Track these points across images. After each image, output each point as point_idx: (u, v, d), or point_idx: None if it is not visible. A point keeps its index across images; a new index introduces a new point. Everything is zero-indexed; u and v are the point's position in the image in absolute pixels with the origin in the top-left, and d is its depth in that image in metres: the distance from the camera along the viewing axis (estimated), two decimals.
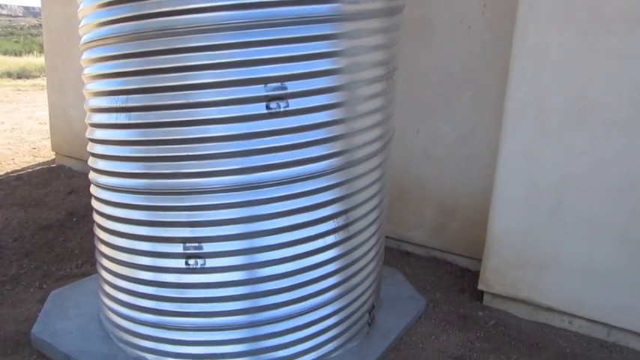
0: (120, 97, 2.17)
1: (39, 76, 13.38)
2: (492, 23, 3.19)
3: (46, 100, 5.95)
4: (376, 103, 2.38)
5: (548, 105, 2.68)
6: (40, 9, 6.13)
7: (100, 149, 2.33)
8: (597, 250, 2.69)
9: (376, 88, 2.36)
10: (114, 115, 2.20)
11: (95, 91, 2.30)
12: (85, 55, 2.35)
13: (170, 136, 2.06)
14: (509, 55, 2.78)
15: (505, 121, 2.81)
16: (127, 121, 2.15)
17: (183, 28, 1.98)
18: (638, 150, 2.52)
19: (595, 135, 2.60)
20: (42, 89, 11.00)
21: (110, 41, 2.17)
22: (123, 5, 2.07)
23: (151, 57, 2.05)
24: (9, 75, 13.45)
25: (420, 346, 2.67)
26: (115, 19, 2.12)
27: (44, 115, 7.29)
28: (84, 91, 2.41)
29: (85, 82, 2.38)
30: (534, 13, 2.65)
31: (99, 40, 2.23)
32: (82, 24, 2.34)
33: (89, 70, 2.33)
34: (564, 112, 2.65)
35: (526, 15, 2.68)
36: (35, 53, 18.29)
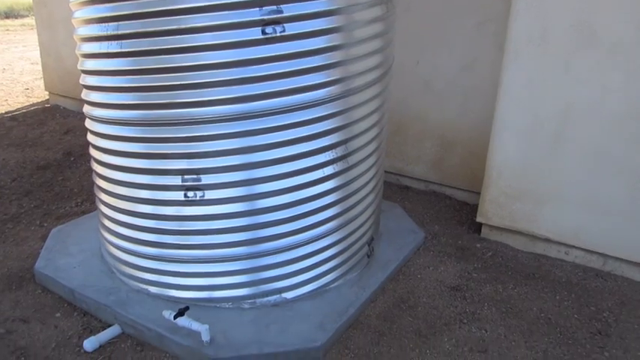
0: (110, 24, 2.09)
1: (28, 16, 12.99)
2: None
3: (37, 40, 5.78)
4: (375, 28, 2.30)
5: (551, 31, 2.60)
6: None
7: (92, 80, 2.27)
8: (596, 181, 2.67)
9: (375, 12, 2.28)
10: (105, 43, 2.12)
11: (84, 18, 2.21)
12: None
13: (163, 64, 2.00)
14: None
15: (507, 50, 2.73)
16: (118, 50, 2.08)
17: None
18: None
19: (598, 62, 2.53)
20: (31, 29, 10.70)
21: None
22: None
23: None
24: None
25: (419, 276, 2.70)
26: None
27: (35, 55, 7.12)
28: (72, 20, 2.31)
29: (73, 9, 2.29)
30: None
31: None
32: None
33: None
34: (568, 38, 2.57)
35: None
36: None
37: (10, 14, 13.27)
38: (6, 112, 5.48)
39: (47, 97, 5.94)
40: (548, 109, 2.70)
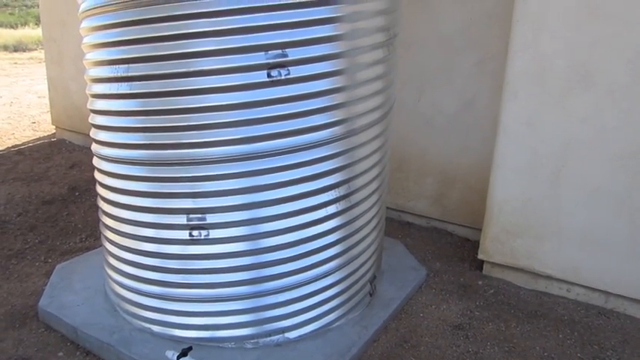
0: (121, 66, 2.15)
1: (36, 49, 13.23)
2: None
3: (45, 73, 5.89)
4: (377, 70, 2.36)
5: (549, 71, 2.66)
6: None
7: (101, 120, 2.32)
8: (596, 218, 2.70)
9: (377, 54, 2.34)
10: (115, 85, 2.18)
11: (95, 60, 2.28)
12: (85, 24, 2.31)
13: (172, 105, 2.05)
14: (510, 21, 2.74)
15: (506, 88, 2.79)
16: (128, 91, 2.14)
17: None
18: (639, 117, 2.51)
19: (596, 101, 2.58)
20: (40, 62, 10.90)
21: (110, 9, 2.14)
22: None
23: (152, 24, 2.02)
24: (5, 48, 13.30)
25: (421, 315, 2.70)
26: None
27: (43, 88, 7.23)
28: (84, 61, 2.38)
29: (85, 51, 2.36)
30: None
31: (99, 7, 2.19)
32: None
33: (89, 39, 2.30)
34: (565, 78, 2.63)
35: None
36: (31, 25, 18.04)
37: (18, 47, 13.52)
38: (13, 146, 5.55)
39: (54, 131, 6.02)
40: (548, 147, 2.74)
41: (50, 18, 5.60)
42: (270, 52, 2.00)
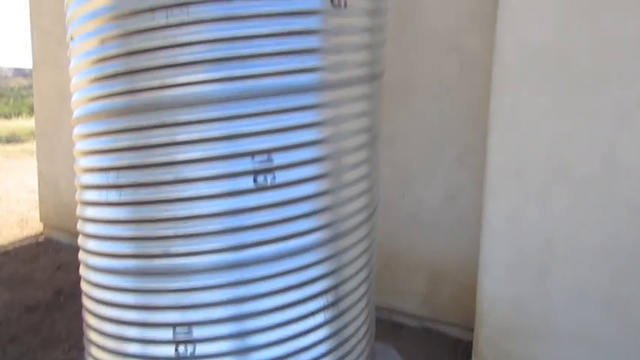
0: (111, 173, 2.18)
1: (28, 141, 13.39)
2: (471, 84, 3.30)
3: (35, 167, 5.94)
4: (361, 171, 2.41)
5: (526, 166, 2.74)
6: (30, 70, 6.23)
7: (90, 229, 2.31)
8: (585, 317, 2.68)
9: (361, 155, 2.40)
10: (104, 192, 2.20)
11: (87, 167, 2.32)
12: (77, 130, 2.37)
13: (160, 214, 2.05)
14: (488, 116, 2.86)
15: (486, 185, 2.86)
16: (117, 199, 2.15)
17: (172, 102, 2.02)
18: (616, 211, 2.57)
19: (574, 196, 2.65)
20: (31, 155, 10.99)
21: (102, 116, 2.21)
22: (115, 80, 2.10)
23: (141, 132, 2.07)
24: None
25: None
26: (107, 94, 2.15)
27: (33, 182, 7.26)
28: (75, 167, 2.42)
29: (77, 157, 2.40)
30: (508, 75, 2.76)
31: (91, 115, 2.26)
32: (74, 98, 2.38)
33: (81, 146, 2.35)
34: (543, 173, 2.71)
35: (500, 77, 2.78)
36: (24, 116, 18.29)
37: (11, 139, 13.68)
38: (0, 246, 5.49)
39: (41, 230, 5.98)
40: (531, 243, 2.77)
41: (44, 114, 5.74)
42: (256, 157, 2.05)
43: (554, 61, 2.64)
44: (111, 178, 2.19)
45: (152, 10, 1.88)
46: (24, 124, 15.60)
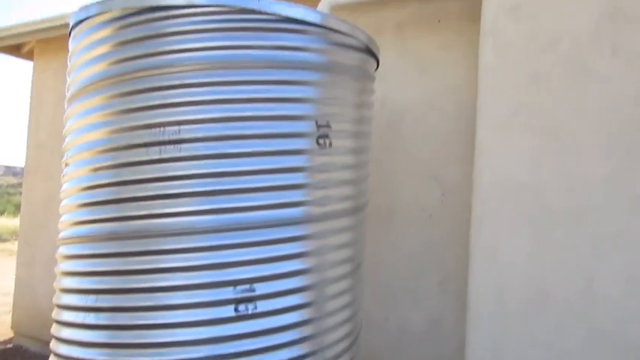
0: (90, 296, 2.17)
1: (10, 240, 13.23)
2: (452, 212, 3.40)
3: (14, 268, 5.83)
4: (344, 299, 2.42)
5: (507, 293, 2.76)
6: (21, 169, 6.29)
7: (64, 350, 2.25)
8: None
9: (344, 284, 2.42)
10: (82, 314, 2.17)
11: (67, 288, 2.30)
12: (61, 251, 2.38)
13: (139, 340, 2.03)
14: (469, 244, 2.92)
15: (469, 316, 2.86)
16: (94, 322, 2.13)
17: (160, 231, 2.06)
18: (596, 341, 2.56)
19: (555, 327, 2.64)
20: (11, 255, 10.82)
21: (87, 240, 2.23)
22: (104, 207, 2.15)
23: (125, 257, 2.10)
24: None
25: None
26: (95, 220, 2.20)
27: (9, 284, 7.08)
28: (54, 285, 2.40)
29: (58, 277, 2.39)
30: (486, 208, 2.85)
31: (77, 237, 2.29)
32: (62, 219, 2.42)
33: (63, 267, 2.35)
34: (523, 305, 2.72)
35: (479, 209, 2.88)
36: (9, 214, 18.20)
37: None
38: None
39: (11, 336, 5.75)
40: None
41: (29, 220, 5.73)
42: (238, 287, 2.06)
43: (529, 197, 2.76)
44: (90, 300, 2.17)
45: (146, 145, 1.99)
46: (7, 222, 15.49)
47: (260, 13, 2.01)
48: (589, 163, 2.63)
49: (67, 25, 4.58)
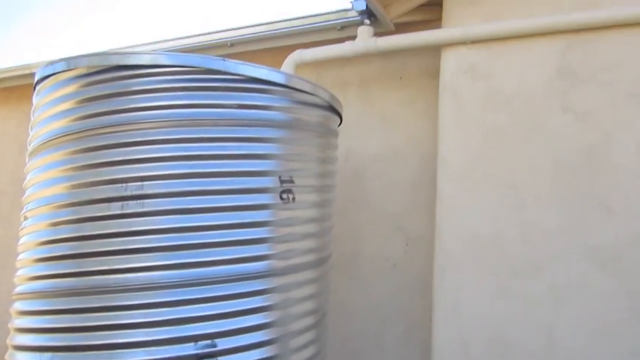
0: (46, 354, 2.11)
1: None
2: (416, 261, 3.43)
3: None
4: (309, 352, 2.40)
5: (471, 349, 2.78)
6: None
7: None
8: None
9: (308, 336, 2.41)
10: None
11: (21, 345, 2.23)
12: (16, 306, 2.32)
13: None
14: (432, 293, 2.95)
15: None
16: None
17: (120, 286, 2.03)
18: None
19: None
20: None
21: (43, 296, 2.18)
22: (63, 262, 2.12)
23: (84, 314, 2.05)
24: None
25: None
26: (52, 275, 2.15)
27: None
28: (7, 342, 2.33)
29: (12, 334, 2.32)
30: (448, 258, 2.91)
31: (33, 293, 2.23)
32: (18, 273, 2.36)
33: (18, 323, 2.28)
34: (487, 355, 2.74)
35: (441, 259, 2.93)
36: None
37: None
38: None
39: None
40: None
41: None
42: (199, 342, 2.04)
43: (490, 248, 2.83)
44: (46, 358, 2.11)
45: (108, 200, 1.98)
46: None
47: (225, 73, 2.07)
48: (545, 215, 2.72)
49: (31, 74, 4.61)
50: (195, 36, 3.95)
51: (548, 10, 2.82)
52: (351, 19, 3.38)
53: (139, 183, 1.97)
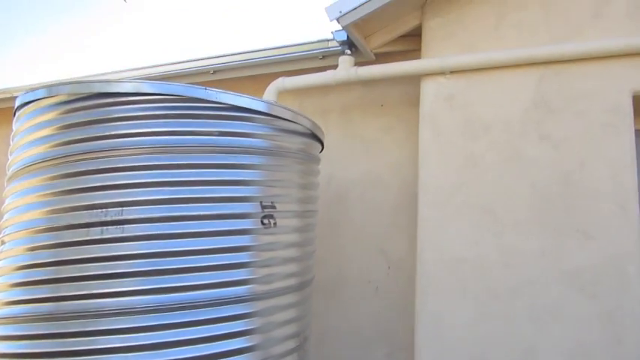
0: None
1: None
2: (398, 284, 3.45)
3: None
4: None
5: None
6: None
7: None
8: None
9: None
10: None
11: None
12: None
13: None
14: (414, 315, 2.97)
15: None
16: None
17: (98, 311, 2.02)
18: None
19: None
20: None
21: (21, 321, 2.15)
22: (41, 287, 2.09)
23: (61, 339, 2.03)
24: None
25: None
26: (30, 299, 2.13)
27: None
28: None
29: None
30: (431, 282, 2.94)
31: (10, 318, 2.20)
32: None
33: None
34: None
35: (423, 282, 2.95)
36: None
37: None
38: None
39: None
40: None
41: None
42: None
43: (470, 271, 2.86)
44: None
45: (87, 226, 1.98)
46: None
47: (207, 101, 2.10)
48: (524, 239, 2.77)
49: (10, 99, 4.58)
50: (178, 63, 4.00)
51: (521, 42, 2.93)
52: (332, 48, 3.46)
53: (119, 208, 1.97)
